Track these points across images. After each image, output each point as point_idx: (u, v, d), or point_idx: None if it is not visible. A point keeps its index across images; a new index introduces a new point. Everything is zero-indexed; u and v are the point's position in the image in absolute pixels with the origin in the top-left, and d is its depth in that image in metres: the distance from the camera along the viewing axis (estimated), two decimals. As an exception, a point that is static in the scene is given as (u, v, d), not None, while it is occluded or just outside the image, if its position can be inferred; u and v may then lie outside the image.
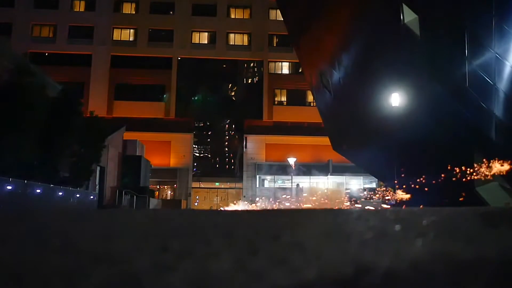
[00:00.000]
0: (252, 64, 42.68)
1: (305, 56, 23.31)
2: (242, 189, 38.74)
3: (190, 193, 38.02)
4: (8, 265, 1.31)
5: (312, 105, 37.02)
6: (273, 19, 41.60)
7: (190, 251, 1.56)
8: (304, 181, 35.29)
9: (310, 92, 33.10)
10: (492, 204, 13.43)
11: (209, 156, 41.47)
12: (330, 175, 37.22)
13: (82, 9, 41.51)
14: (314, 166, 35.60)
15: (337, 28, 18.31)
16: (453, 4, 12.96)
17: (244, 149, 39.64)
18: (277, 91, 41.84)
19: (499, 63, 12.24)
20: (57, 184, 16.41)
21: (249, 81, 43.01)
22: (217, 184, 39.77)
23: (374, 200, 22.08)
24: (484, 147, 13.47)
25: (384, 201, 20.73)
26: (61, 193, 16.58)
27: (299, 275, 1.17)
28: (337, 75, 19.33)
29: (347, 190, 31.03)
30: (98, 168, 22.59)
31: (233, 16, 42.71)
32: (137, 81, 39.81)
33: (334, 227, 2.56)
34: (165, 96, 40.35)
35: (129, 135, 30.75)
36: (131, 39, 41.30)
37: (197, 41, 41.73)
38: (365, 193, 25.55)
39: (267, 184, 39.16)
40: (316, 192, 24.14)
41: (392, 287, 1.09)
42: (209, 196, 39.77)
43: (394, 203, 18.22)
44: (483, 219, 3.05)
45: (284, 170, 34.05)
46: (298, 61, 30.49)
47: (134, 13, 41.87)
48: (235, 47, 41.82)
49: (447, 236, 2.10)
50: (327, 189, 31.21)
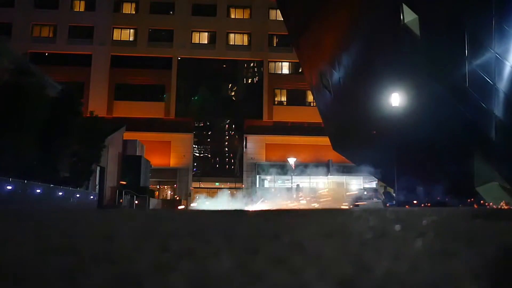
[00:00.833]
0: (252, 64, 42.65)
1: (305, 56, 23.31)
2: (241, 188, 38.70)
3: (190, 193, 37.98)
4: (8, 265, 1.31)
5: (312, 105, 37.01)
6: (273, 19, 41.57)
7: (191, 251, 1.56)
8: (304, 181, 35.28)
9: (310, 92, 33.10)
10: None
11: (209, 156, 41.44)
12: (330, 175, 37.20)
13: (82, 9, 41.49)
14: (314, 166, 35.60)
15: (337, 28, 18.30)
16: (453, 4, 12.95)
17: (244, 149, 39.62)
18: (277, 91, 41.82)
19: (499, 63, 12.23)
20: (57, 184, 16.39)
21: (249, 81, 42.98)
22: (217, 184, 39.73)
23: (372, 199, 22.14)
24: (484, 147, 13.47)
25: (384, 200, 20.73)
26: (61, 193, 16.57)
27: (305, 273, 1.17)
28: (337, 75, 19.32)
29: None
30: (98, 168, 22.58)
31: (233, 16, 42.69)
32: (137, 81, 39.79)
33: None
34: (165, 96, 40.34)
35: (129, 135, 30.73)
36: (131, 39, 41.28)
37: (197, 41, 41.70)
38: (365, 193, 25.55)
39: (267, 184, 39.13)
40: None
41: (392, 287, 1.09)
42: (209, 196, 39.64)
43: (394, 203, 18.23)
44: (483, 219, 3.05)
45: (284, 170, 34.05)
46: (298, 61, 30.49)
47: (134, 13, 41.85)
48: (235, 47, 41.79)
49: (447, 236, 2.10)
50: (327, 189, 31.18)
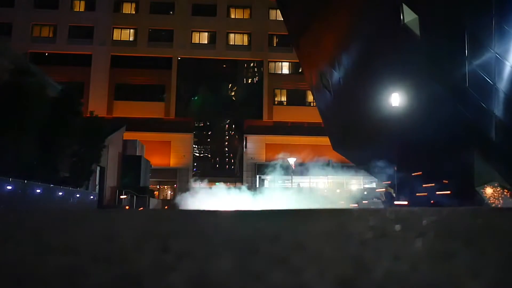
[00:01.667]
0: (252, 64, 42.65)
1: (305, 56, 23.30)
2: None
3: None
4: (8, 265, 1.31)
5: (312, 105, 37.00)
6: (273, 19, 41.56)
7: (191, 251, 1.56)
8: (304, 181, 35.26)
9: (310, 92, 33.09)
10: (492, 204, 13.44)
11: (209, 156, 41.45)
12: (330, 175, 37.16)
13: (82, 9, 41.50)
14: (314, 166, 35.55)
15: (337, 28, 18.29)
16: (453, 4, 12.94)
17: (244, 149, 39.60)
18: (277, 91, 41.81)
19: (499, 63, 12.23)
20: (57, 184, 16.40)
21: (249, 81, 42.98)
22: (217, 184, 39.74)
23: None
24: (484, 147, 13.47)
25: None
26: (61, 193, 16.57)
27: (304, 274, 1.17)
28: (337, 75, 19.32)
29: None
30: (98, 168, 22.58)
31: (233, 16, 42.68)
32: (137, 81, 39.79)
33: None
34: (165, 96, 40.33)
35: (129, 135, 30.74)
36: (131, 39, 41.28)
37: (197, 41, 41.70)
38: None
39: (267, 184, 39.12)
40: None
41: (392, 287, 1.09)
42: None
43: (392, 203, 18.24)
44: (483, 219, 3.05)
45: (284, 170, 34.01)
46: (298, 61, 30.48)
47: (134, 13, 41.85)
48: (235, 47, 41.78)
49: (447, 236, 2.10)
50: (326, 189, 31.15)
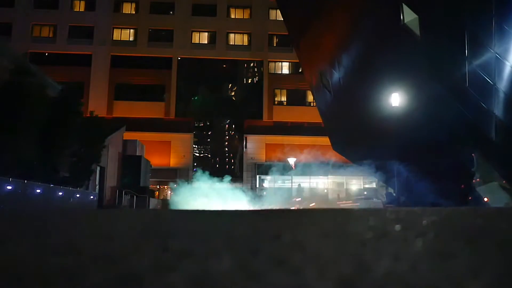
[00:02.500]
0: (252, 64, 42.65)
1: (305, 56, 23.31)
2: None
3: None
4: (8, 265, 1.31)
5: (312, 105, 37.00)
6: (273, 19, 41.55)
7: (191, 251, 1.56)
8: (304, 181, 35.26)
9: (310, 92, 33.09)
10: (492, 204, 13.44)
11: (209, 156, 41.45)
12: (330, 175, 37.15)
13: (82, 9, 41.49)
14: (314, 166, 35.53)
15: (337, 28, 18.30)
16: (453, 4, 12.94)
17: (244, 149, 39.60)
18: (277, 91, 41.80)
19: (499, 63, 12.23)
20: (57, 184, 16.39)
21: (249, 81, 42.97)
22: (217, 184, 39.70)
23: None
24: (484, 147, 13.47)
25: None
26: (61, 193, 16.57)
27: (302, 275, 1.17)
28: (337, 75, 19.32)
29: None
30: (98, 168, 22.58)
31: (233, 16, 42.67)
32: (137, 81, 39.78)
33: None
34: (165, 96, 40.32)
35: (129, 135, 30.72)
36: (131, 39, 41.27)
37: (197, 41, 41.69)
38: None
39: (267, 184, 39.12)
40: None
41: (392, 287, 1.09)
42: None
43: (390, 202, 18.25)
44: (483, 219, 3.04)
45: (284, 170, 34.00)
46: (298, 61, 30.49)
47: (134, 13, 41.85)
48: (235, 47, 41.77)
49: (447, 236, 2.10)
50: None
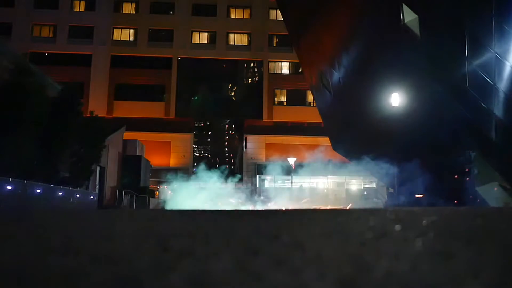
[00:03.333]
0: (252, 64, 42.63)
1: (305, 56, 23.30)
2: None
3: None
4: (8, 265, 1.31)
5: (312, 105, 36.99)
6: (273, 19, 41.54)
7: (191, 251, 1.56)
8: (304, 181, 35.25)
9: (310, 92, 33.09)
10: (492, 204, 13.43)
11: (209, 156, 41.42)
12: (330, 175, 37.13)
13: (82, 9, 41.47)
14: (314, 166, 35.52)
15: (337, 28, 18.29)
16: (453, 4, 12.94)
17: (244, 149, 39.59)
18: (277, 91, 41.79)
19: (499, 63, 12.22)
20: (57, 184, 16.39)
21: (249, 81, 42.96)
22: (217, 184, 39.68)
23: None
24: (484, 147, 13.47)
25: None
26: (61, 193, 16.57)
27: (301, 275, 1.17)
28: (337, 75, 19.32)
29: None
30: (98, 168, 22.57)
31: (233, 16, 42.66)
32: (137, 81, 39.77)
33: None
34: (165, 96, 40.31)
35: (129, 135, 30.72)
36: (131, 39, 41.26)
37: (197, 41, 41.68)
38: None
39: (267, 184, 39.11)
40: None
41: (392, 287, 1.09)
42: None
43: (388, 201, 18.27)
44: (483, 219, 3.04)
45: (284, 170, 34.00)
46: (298, 61, 30.48)
47: (134, 13, 41.83)
48: (235, 47, 41.77)
49: (447, 236, 2.10)
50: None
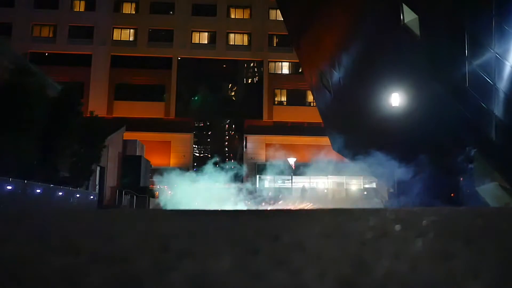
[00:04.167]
0: (252, 64, 42.64)
1: (305, 56, 23.31)
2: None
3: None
4: (8, 265, 1.31)
5: (312, 105, 36.99)
6: (273, 19, 41.55)
7: (191, 251, 1.56)
8: (304, 181, 35.27)
9: (310, 92, 33.09)
10: (492, 204, 13.43)
11: (209, 156, 41.40)
12: (330, 175, 37.14)
13: (82, 9, 41.48)
14: (314, 166, 35.53)
15: (337, 28, 18.29)
16: (453, 4, 12.94)
17: (244, 149, 39.59)
18: (277, 91, 41.81)
19: (499, 63, 12.22)
20: (57, 184, 16.39)
21: (249, 81, 42.96)
22: (217, 184, 39.66)
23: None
24: (484, 147, 13.47)
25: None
26: (61, 193, 16.57)
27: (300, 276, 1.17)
28: (337, 75, 19.32)
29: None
30: (98, 168, 22.58)
31: (233, 16, 42.67)
32: (137, 81, 39.78)
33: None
34: (165, 96, 40.31)
35: (129, 135, 30.72)
36: (131, 39, 41.27)
37: (197, 41, 41.69)
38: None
39: (267, 184, 39.11)
40: None
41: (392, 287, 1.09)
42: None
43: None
44: (483, 219, 3.04)
45: (284, 170, 34.00)
46: (298, 61, 30.49)
47: (134, 13, 41.84)
48: (235, 47, 41.78)
49: (447, 236, 2.10)
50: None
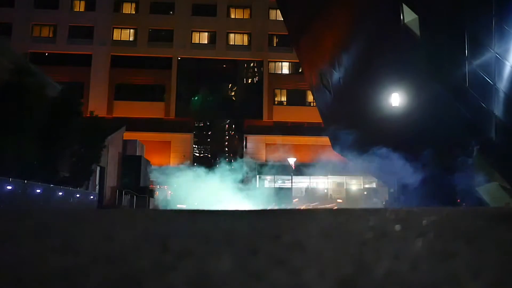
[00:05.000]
0: (252, 64, 42.63)
1: (305, 56, 23.31)
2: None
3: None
4: (8, 265, 1.31)
5: (312, 105, 36.99)
6: (273, 19, 41.55)
7: (191, 251, 1.56)
8: (304, 181, 35.27)
9: (310, 92, 33.10)
10: (492, 204, 13.43)
11: (209, 156, 41.41)
12: (330, 175, 37.14)
13: (82, 9, 41.48)
14: (314, 166, 35.52)
15: (337, 28, 18.30)
16: (453, 4, 12.94)
17: (244, 149, 39.59)
18: (277, 91, 41.81)
19: (499, 63, 12.22)
20: (57, 184, 16.39)
21: (249, 81, 42.96)
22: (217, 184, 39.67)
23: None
24: (484, 147, 13.47)
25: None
26: (61, 193, 16.56)
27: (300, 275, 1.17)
28: (337, 75, 19.32)
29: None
30: (98, 168, 22.57)
31: (233, 16, 42.67)
32: (137, 81, 39.78)
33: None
34: (165, 96, 40.31)
35: (129, 135, 30.72)
36: (131, 39, 41.27)
37: (197, 41, 41.69)
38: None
39: (267, 184, 39.11)
40: None
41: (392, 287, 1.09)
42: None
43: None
44: (483, 219, 3.04)
45: (284, 170, 34.00)
46: (298, 61, 30.49)
47: (134, 13, 41.84)
48: (235, 47, 41.78)
49: (447, 236, 2.10)
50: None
